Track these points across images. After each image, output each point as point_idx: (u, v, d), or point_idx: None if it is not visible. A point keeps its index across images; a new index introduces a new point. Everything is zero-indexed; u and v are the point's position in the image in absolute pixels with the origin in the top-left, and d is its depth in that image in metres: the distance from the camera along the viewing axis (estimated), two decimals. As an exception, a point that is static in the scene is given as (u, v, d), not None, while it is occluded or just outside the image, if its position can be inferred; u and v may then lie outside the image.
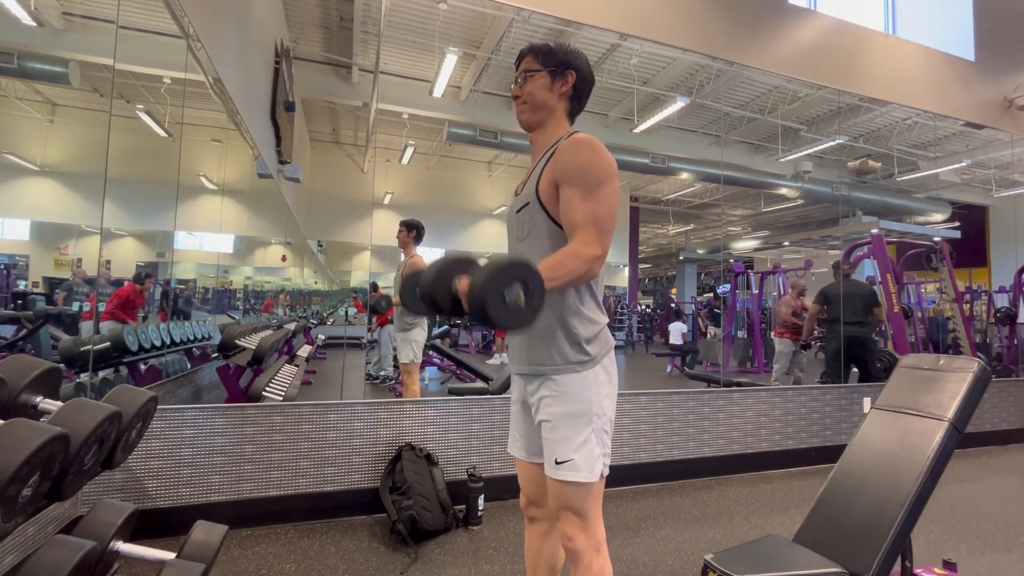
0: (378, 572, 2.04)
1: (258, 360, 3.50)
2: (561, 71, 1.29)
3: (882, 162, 9.42)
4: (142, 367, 3.20)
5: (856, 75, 4.63)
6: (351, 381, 5.30)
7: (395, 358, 5.10)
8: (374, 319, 6.03)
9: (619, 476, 3.04)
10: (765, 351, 8.19)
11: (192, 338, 3.95)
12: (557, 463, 1.19)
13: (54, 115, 5.02)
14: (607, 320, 1.28)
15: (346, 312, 10.48)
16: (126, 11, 2.47)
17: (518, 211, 1.29)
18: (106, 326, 3.58)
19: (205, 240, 6.05)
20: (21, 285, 4.68)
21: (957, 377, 1.73)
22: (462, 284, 1.03)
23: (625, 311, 13.18)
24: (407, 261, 3.56)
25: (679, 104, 7.17)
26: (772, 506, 2.88)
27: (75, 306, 4.03)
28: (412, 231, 3.60)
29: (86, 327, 3.77)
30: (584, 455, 1.18)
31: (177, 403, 3.20)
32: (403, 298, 1.37)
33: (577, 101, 1.33)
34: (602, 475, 1.22)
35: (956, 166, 9.20)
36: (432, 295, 1.08)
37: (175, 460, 2.29)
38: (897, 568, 1.58)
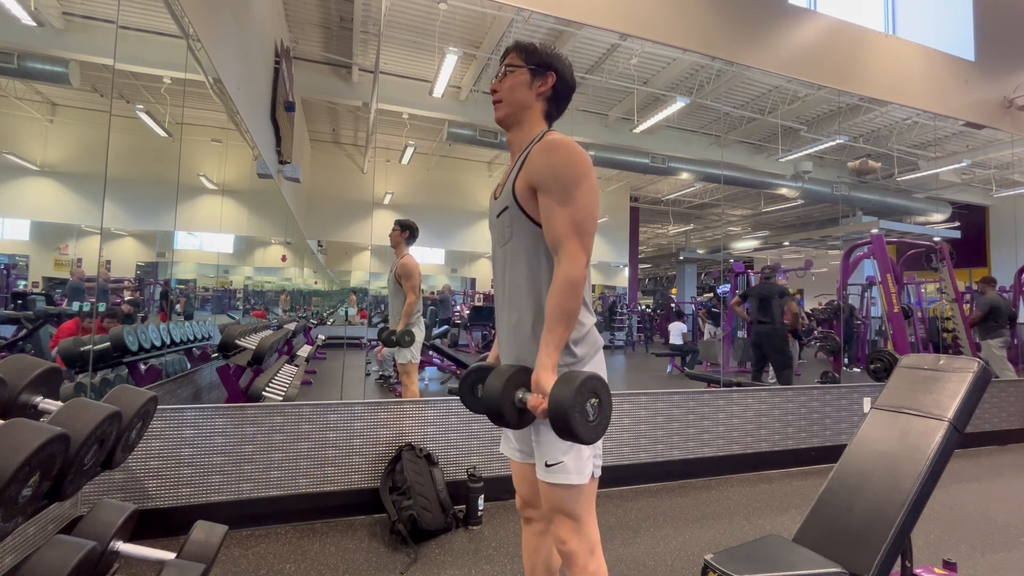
0: (378, 572, 2.04)
1: (258, 360, 3.50)
2: (542, 71, 1.28)
3: (882, 162, 9.43)
4: (142, 367, 3.20)
5: (856, 75, 4.63)
6: (351, 381, 5.31)
7: (394, 359, 5.10)
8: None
9: (619, 476, 3.04)
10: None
11: (192, 338, 3.95)
12: (547, 466, 1.19)
13: (54, 115, 5.02)
14: (595, 320, 1.27)
15: (346, 312, 10.47)
16: (126, 11, 2.47)
17: (498, 215, 1.29)
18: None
19: (205, 240, 6.05)
20: (21, 285, 4.68)
21: (957, 377, 1.73)
22: (533, 402, 1.09)
23: (625, 311, 13.17)
24: (399, 262, 3.53)
25: (679, 104, 7.16)
26: (772, 506, 2.88)
27: (75, 306, 4.03)
28: (406, 231, 3.58)
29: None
30: (573, 457, 1.18)
31: (177, 403, 3.20)
32: (462, 396, 1.37)
33: (555, 104, 1.32)
34: (593, 476, 1.22)
35: (956, 166, 9.20)
36: (500, 410, 1.11)
37: (175, 460, 2.29)
38: (897, 568, 1.58)
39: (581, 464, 1.19)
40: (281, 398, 3.52)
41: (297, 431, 2.48)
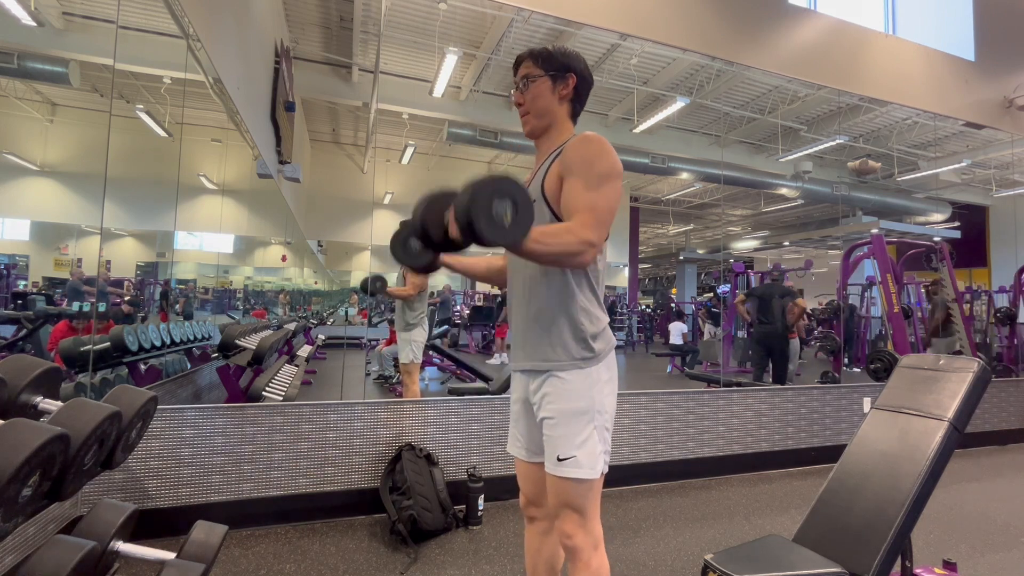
0: (378, 572, 2.04)
1: (258, 360, 3.50)
2: (562, 74, 1.29)
3: (882, 162, 9.42)
4: (142, 367, 3.20)
5: (856, 75, 4.63)
6: (351, 381, 5.31)
7: (395, 358, 5.11)
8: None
9: (619, 476, 3.04)
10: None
11: (192, 338, 3.95)
12: (559, 460, 1.20)
13: (54, 115, 5.03)
14: (608, 319, 1.29)
15: (346, 312, 10.47)
16: (126, 11, 2.47)
17: None
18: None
19: (205, 240, 6.06)
20: (21, 285, 4.69)
21: (957, 377, 1.73)
22: (451, 215, 1.03)
23: (625, 311, 13.17)
24: None
25: (679, 104, 7.16)
26: (772, 506, 2.88)
27: (75, 306, 4.03)
28: None
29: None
30: (586, 452, 1.19)
31: (177, 403, 3.20)
32: (393, 248, 1.34)
33: (578, 102, 1.34)
34: (603, 472, 1.23)
35: (956, 166, 9.20)
36: (423, 225, 1.07)
37: (175, 460, 2.29)
38: (897, 568, 1.58)
39: (594, 459, 1.20)
40: (281, 398, 3.51)
41: (297, 431, 2.48)
